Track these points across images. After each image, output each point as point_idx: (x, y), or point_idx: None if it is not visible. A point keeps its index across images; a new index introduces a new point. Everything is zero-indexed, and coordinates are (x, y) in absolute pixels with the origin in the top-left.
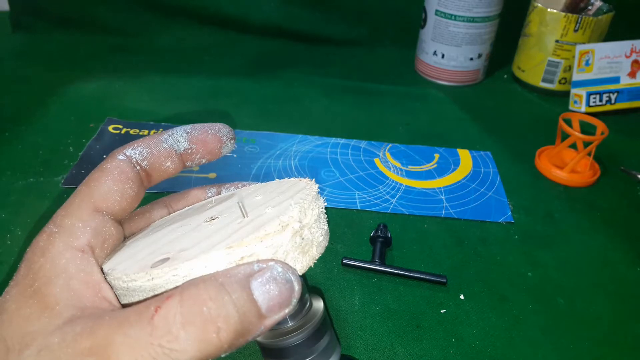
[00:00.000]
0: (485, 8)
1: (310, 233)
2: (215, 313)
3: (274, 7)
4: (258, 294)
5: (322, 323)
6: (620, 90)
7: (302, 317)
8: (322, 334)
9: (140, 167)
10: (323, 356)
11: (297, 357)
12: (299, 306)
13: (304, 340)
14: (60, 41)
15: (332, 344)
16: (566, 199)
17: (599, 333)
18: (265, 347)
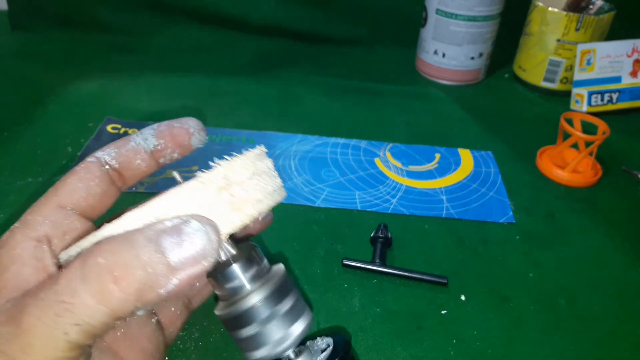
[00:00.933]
0: (486, 7)
1: (244, 190)
2: (111, 262)
3: (274, 6)
4: (167, 245)
5: (283, 285)
6: (621, 89)
7: (259, 280)
8: (284, 296)
9: (110, 166)
10: (287, 319)
11: (258, 322)
12: (255, 269)
13: (263, 302)
14: (59, 40)
15: (298, 307)
16: (567, 199)
17: (600, 333)
18: (226, 319)
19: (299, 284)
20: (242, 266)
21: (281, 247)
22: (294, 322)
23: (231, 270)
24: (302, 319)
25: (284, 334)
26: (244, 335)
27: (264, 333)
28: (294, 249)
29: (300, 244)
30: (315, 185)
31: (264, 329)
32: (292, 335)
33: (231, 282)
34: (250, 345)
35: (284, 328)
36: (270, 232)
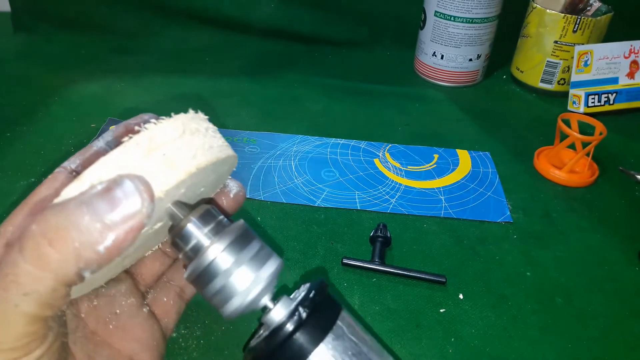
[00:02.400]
0: (484, 9)
1: (176, 148)
2: (44, 228)
3: (274, 8)
4: (99, 204)
5: (243, 234)
6: (618, 90)
7: (218, 234)
8: (246, 244)
9: (76, 172)
10: (253, 266)
11: (223, 273)
12: (212, 225)
13: (225, 253)
14: (62, 42)
15: (264, 253)
16: (565, 199)
17: (597, 332)
18: (193, 280)
19: (299, 284)
20: (196, 224)
21: (282, 247)
22: (260, 267)
23: (186, 231)
24: (269, 263)
25: (252, 280)
26: (212, 291)
27: (231, 283)
28: (295, 248)
29: (300, 243)
30: (315, 185)
31: (230, 279)
32: (261, 279)
33: (190, 243)
34: (221, 300)
35: (252, 274)
36: (270, 232)
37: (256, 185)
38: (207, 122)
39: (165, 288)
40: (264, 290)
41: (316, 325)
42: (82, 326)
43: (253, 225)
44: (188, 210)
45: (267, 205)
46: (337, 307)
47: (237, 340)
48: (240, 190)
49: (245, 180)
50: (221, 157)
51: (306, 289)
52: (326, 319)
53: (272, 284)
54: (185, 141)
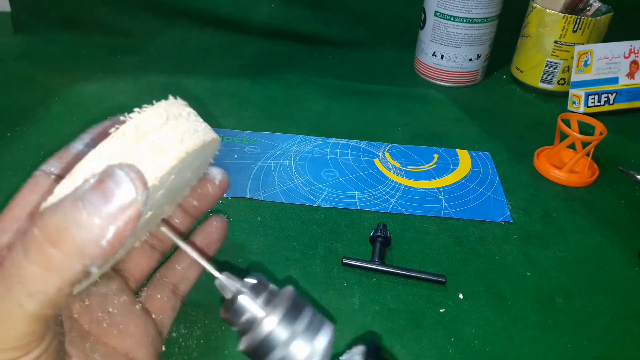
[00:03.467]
0: (484, 9)
1: (163, 135)
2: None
3: (274, 8)
4: (94, 198)
5: (295, 303)
6: (618, 90)
7: (270, 305)
8: (299, 313)
9: (56, 175)
10: (309, 335)
11: (281, 345)
12: (264, 296)
13: (280, 324)
14: (62, 42)
15: (317, 322)
16: (565, 199)
17: (597, 332)
18: (250, 351)
19: (299, 283)
20: (249, 296)
21: (281, 247)
22: (315, 336)
23: (239, 304)
24: (323, 331)
25: (310, 351)
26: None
27: (290, 354)
28: (294, 248)
29: (300, 243)
30: (315, 185)
31: (289, 351)
32: (318, 350)
33: (243, 315)
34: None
35: (309, 344)
36: (270, 232)
37: (256, 185)
38: (188, 107)
39: (159, 285)
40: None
41: None
42: (76, 326)
43: (253, 225)
44: (238, 282)
45: (267, 205)
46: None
47: (237, 340)
48: (224, 177)
49: (245, 180)
50: (207, 140)
51: (361, 353)
52: None
53: (329, 353)
54: (170, 127)
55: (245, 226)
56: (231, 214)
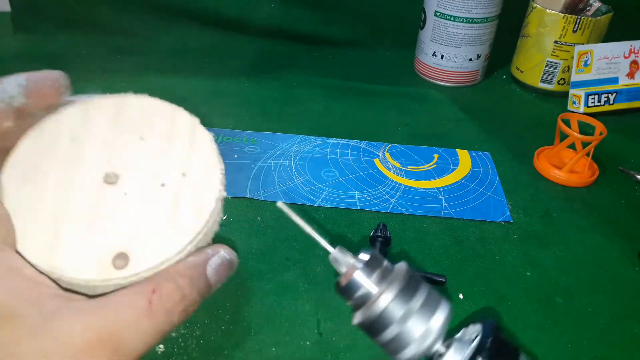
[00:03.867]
0: (484, 9)
1: (224, 190)
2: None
3: (275, 8)
4: (211, 277)
5: (410, 280)
6: (618, 90)
7: (385, 280)
8: (414, 291)
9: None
10: (425, 313)
11: (397, 321)
12: (378, 272)
13: (396, 301)
14: (62, 42)
15: (433, 299)
16: (565, 199)
17: (597, 332)
18: (365, 326)
19: (299, 284)
20: (364, 272)
21: (281, 247)
22: (432, 314)
23: (354, 280)
24: (440, 310)
25: (426, 328)
26: (387, 338)
27: (406, 331)
28: (294, 248)
29: (300, 243)
30: (315, 185)
31: (405, 327)
32: (435, 328)
33: (358, 290)
34: (397, 347)
35: (425, 322)
36: (271, 232)
37: (256, 185)
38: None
39: None
40: (437, 337)
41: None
42: None
43: (253, 225)
44: (352, 257)
45: (267, 205)
46: (515, 353)
47: (237, 340)
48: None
49: (245, 180)
50: None
51: (478, 332)
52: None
53: (445, 330)
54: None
55: (245, 226)
56: (231, 214)
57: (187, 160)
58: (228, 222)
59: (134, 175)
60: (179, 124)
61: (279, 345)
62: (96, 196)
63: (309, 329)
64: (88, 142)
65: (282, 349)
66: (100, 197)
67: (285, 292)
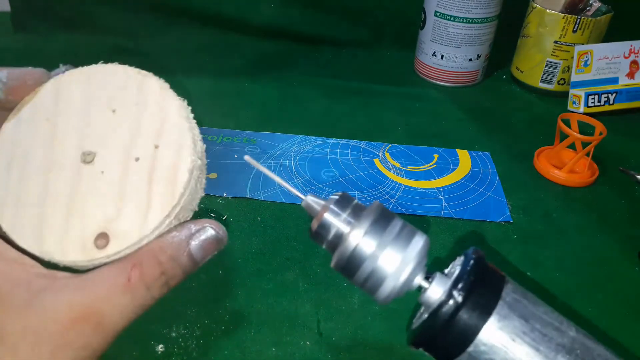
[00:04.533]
0: (484, 9)
1: (203, 157)
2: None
3: (275, 8)
4: (195, 252)
5: (381, 215)
6: (618, 90)
7: (356, 218)
8: (386, 225)
9: None
10: (398, 245)
11: (370, 257)
12: (349, 211)
13: (366, 236)
14: (62, 42)
15: (406, 231)
16: (565, 199)
17: (598, 332)
18: (340, 268)
19: (299, 284)
20: (333, 212)
21: (281, 247)
22: (406, 245)
23: (325, 220)
24: (415, 240)
25: (400, 260)
26: (362, 277)
27: (380, 267)
28: (294, 248)
29: (300, 243)
30: (315, 186)
31: (378, 263)
32: (410, 259)
33: (330, 231)
34: (373, 285)
35: (399, 254)
36: (271, 232)
37: (256, 185)
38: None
39: None
40: (415, 270)
41: (475, 306)
42: None
43: (253, 225)
44: (323, 199)
45: (267, 205)
46: (499, 279)
47: (236, 340)
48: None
49: (245, 180)
50: None
51: (461, 263)
52: (488, 296)
53: (423, 262)
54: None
55: (245, 226)
56: (231, 214)
57: (159, 131)
58: (228, 222)
59: (108, 152)
60: (148, 92)
61: (279, 345)
62: (75, 177)
63: (309, 329)
64: (62, 121)
65: (282, 349)
66: (79, 177)
67: (285, 292)
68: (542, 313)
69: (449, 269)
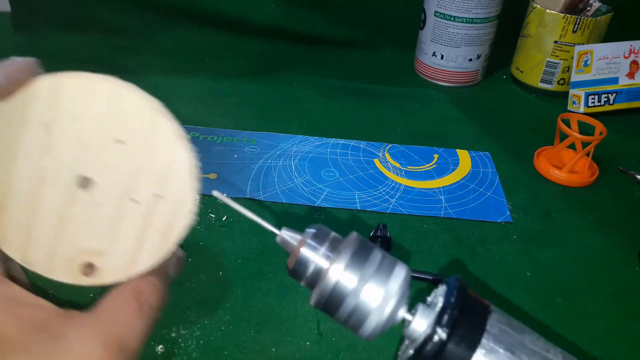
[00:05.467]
0: (484, 9)
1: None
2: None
3: (275, 8)
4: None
5: (360, 248)
6: (618, 90)
7: (334, 252)
8: (365, 258)
9: None
10: (380, 279)
11: (351, 293)
12: (326, 245)
13: (346, 271)
14: (62, 42)
15: (387, 263)
16: (564, 199)
17: (597, 331)
18: (321, 306)
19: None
20: (310, 247)
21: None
22: (388, 278)
23: (302, 256)
24: (396, 272)
25: (383, 295)
26: (344, 314)
27: (362, 302)
28: None
29: None
30: (315, 186)
31: (360, 299)
32: (392, 292)
33: (308, 268)
34: (357, 322)
35: (381, 288)
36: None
37: (256, 185)
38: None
39: None
40: (399, 303)
41: (461, 341)
42: None
43: (253, 225)
44: (299, 234)
45: (267, 206)
46: (483, 310)
47: (236, 340)
48: None
49: (245, 180)
50: None
51: (443, 293)
52: (473, 330)
53: (406, 294)
54: None
55: (245, 226)
56: (231, 214)
57: (163, 180)
58: (228, 222)
59: (107, 184)
60: (162, 134)
61: (279, 345)
62: (68, 199)
63: (309, 329)
64: (60, 133)
65: (282, 349)
66: (72, 201)
67: (285, 292)
68: (528, 342)
69: (431, 298)
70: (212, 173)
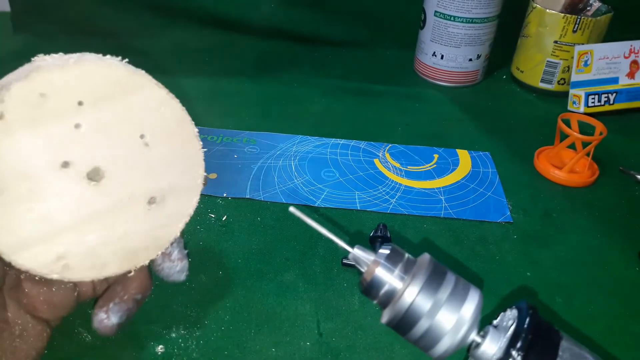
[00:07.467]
0: (484, 9)
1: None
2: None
3: (275, 8)
4: None
5: (434, 271)
6: (619, 90)
7: (408, 274)
8: (440, 281)
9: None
10: (454, 303)
11: (426, 315)
12: (400, 266)
13: (422, 294)
14: (62, 42)
15: (461, 288)
16: (565, 199)
17: (597, 332)
18: (394, 324)
19: (299, 283)
20: (385, 268)
21: (282, 247)
22: (462, 303)
23: (377, 276)
24: (470, 297)
25: (457, 319)
26: (418, 333)
27: (437, 324)
28: (295, 248)
29: (300, 244)
30: (315, 186)
31: (435, 320)
32: (467, 317)
33: (382, 288)
34: (430, 342)
35: (455, 312)
36: (271, 232)
37: (256, 185)
38: None
39: None
40: (470, 326)
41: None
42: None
43: (253, 225)
44: (372, 254)
45: (267, 206)
46: (555, 336)
47: (237, 340)
48: None
49: (245, 180)
50: None
51: (514, 318)
52: (546, 356)
53: (477, 319)
54: None
55: (245, 226)
56: (231, 214)
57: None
58: (228, 222)
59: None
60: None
61: (278, 346)
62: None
63: (309, 329)
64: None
65: (282, 349)
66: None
67: (285, 292)
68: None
69: (498, 320)
70: (212, 173)
